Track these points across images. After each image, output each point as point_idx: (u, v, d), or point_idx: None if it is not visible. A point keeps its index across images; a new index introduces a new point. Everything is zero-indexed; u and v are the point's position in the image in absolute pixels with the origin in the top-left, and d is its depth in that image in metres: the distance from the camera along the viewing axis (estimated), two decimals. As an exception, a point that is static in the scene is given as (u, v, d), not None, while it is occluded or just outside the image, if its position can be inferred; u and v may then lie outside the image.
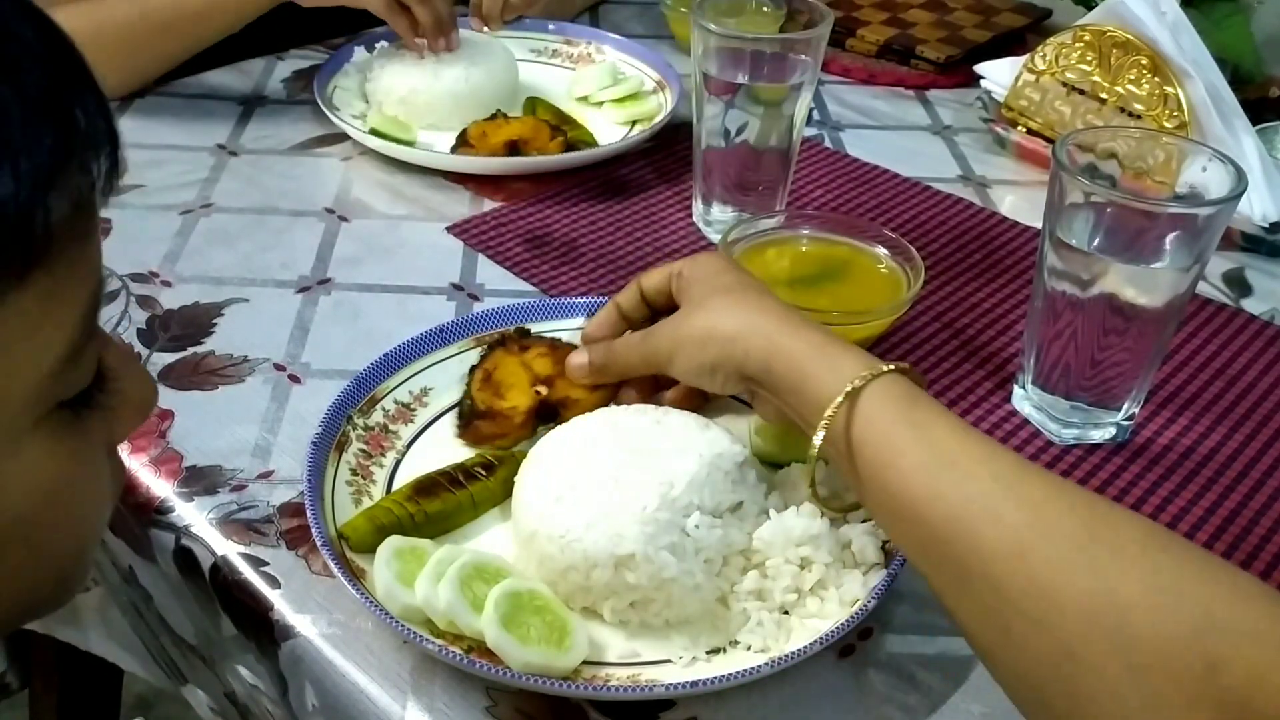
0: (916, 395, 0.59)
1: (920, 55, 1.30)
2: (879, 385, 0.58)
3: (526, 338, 0.77)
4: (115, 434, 0.45)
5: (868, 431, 0.57)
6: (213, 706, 0.77)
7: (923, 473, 0.55)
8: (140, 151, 1.06)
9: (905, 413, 0.57)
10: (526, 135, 1.05)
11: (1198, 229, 0.69)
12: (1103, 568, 0.48)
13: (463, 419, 0.74)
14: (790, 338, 0.63)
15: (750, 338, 0.64)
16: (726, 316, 0.66)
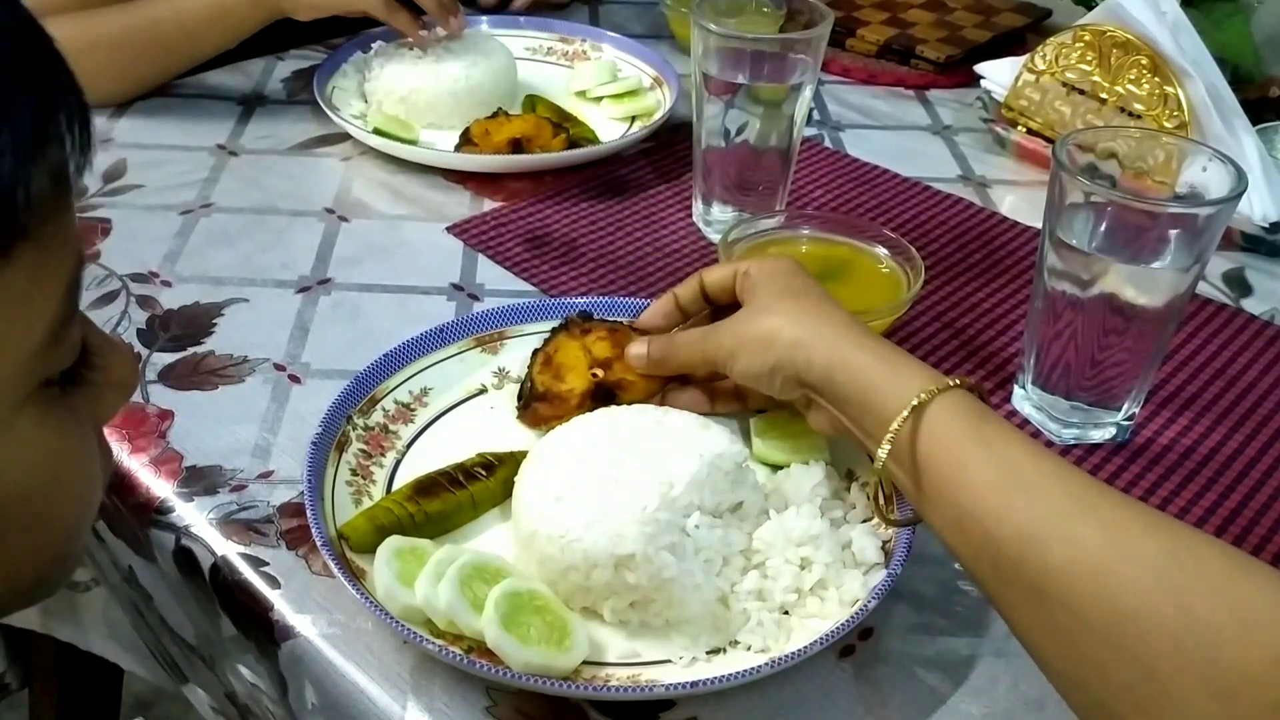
0: (984, 412, 0.58)
1: (920, 55, 1.30)
2: (946, 400, 0.58)
3: (589, 320, 0.77)
4: (101, 414, 0.46)
5: (934, 447, 0.57)
6: (213, 706, 0.77)
7: (993, 490, 0.54)
8: (140, 151, 1.06)
9: (974, 429, 0.56)
10: (529, 133, 1.06)
11: (1198, 229, 0.69)
12: (1187, 593, 0.47)
13: (522, 400, 0.74)
14: (855, 349, 0.62)
15: (814, 345, 0.63)
16: (791, 321, 0.65)
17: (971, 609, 0.66)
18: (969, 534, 0.55)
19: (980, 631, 0.65)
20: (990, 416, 0.58)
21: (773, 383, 0.66)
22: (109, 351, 0.45)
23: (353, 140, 1.08)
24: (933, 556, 0.69)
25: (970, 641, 0.64)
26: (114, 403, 0.46)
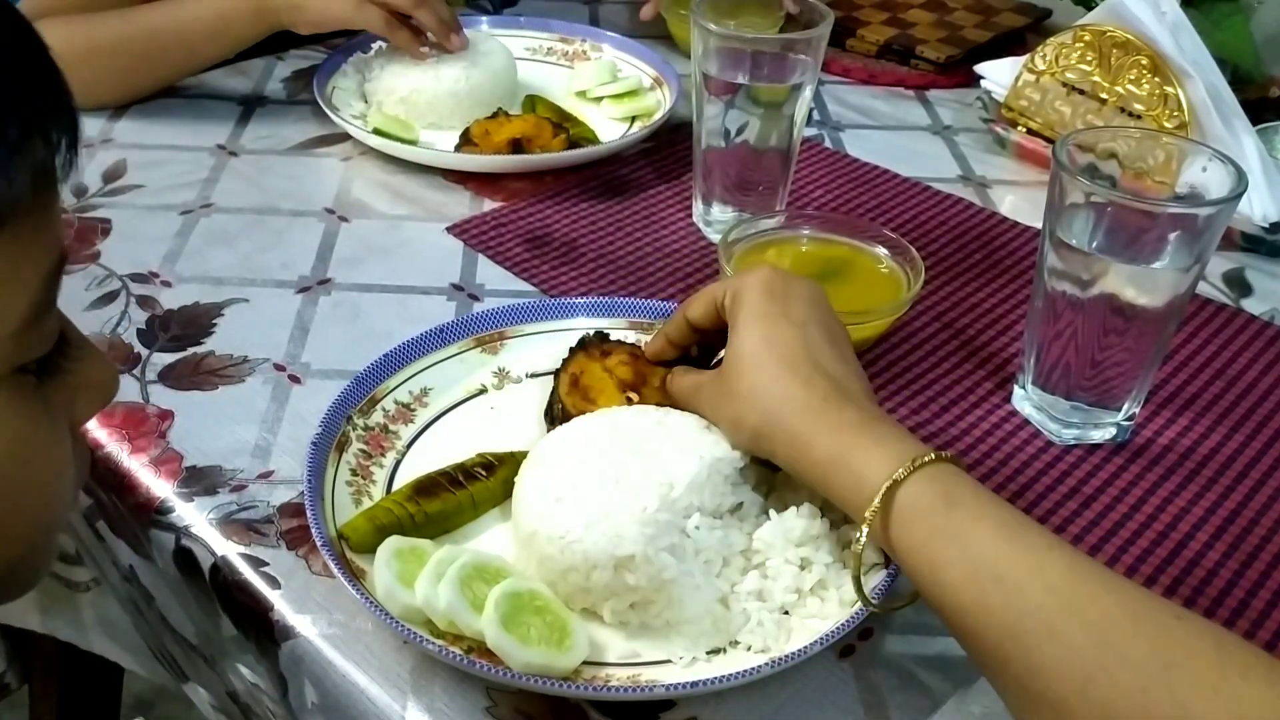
0: (951, 495, 0.55)
1: (920, 55, 1.30)
2: (909, 492, 0.55)
3: (606, 342, 0.77)
4: (77, 414, 0.47)
5: (904, 548, 0.55)
6: (214, 704, 0.77)
7: (969, 587, 0.52)
8: (140, 151, 1.06)
9: (941, 522, 0.54)
10: (529, 133, 1.06)
11: (1198, 229, 0.69)
12: (1182, 698, 0.46)
13: (552, 422, 0.73)
14: (813, 436, 0.60)
15: (774, 438, 0.61)
16: (752, 407, 0.62)
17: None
18: (957, 627, 0.54)
19: (980, 631, 0.65)
20: (957, 501, 0.55)
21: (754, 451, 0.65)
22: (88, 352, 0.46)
23: (353, 140, 1.08)
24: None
25: (970, 642, 0.64)
26: (91, 404, 0.47)
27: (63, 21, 1.05)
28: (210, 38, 1.10)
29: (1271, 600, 0.68)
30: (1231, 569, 0.70)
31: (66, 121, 0.40)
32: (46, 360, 0.43)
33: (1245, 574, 0.69)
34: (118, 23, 1.08)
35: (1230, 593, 0.68)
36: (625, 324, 0.81)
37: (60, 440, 0.45)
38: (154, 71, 1.13)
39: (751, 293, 0.65)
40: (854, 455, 0.58)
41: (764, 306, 0.65)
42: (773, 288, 0.65)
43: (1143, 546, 0.71)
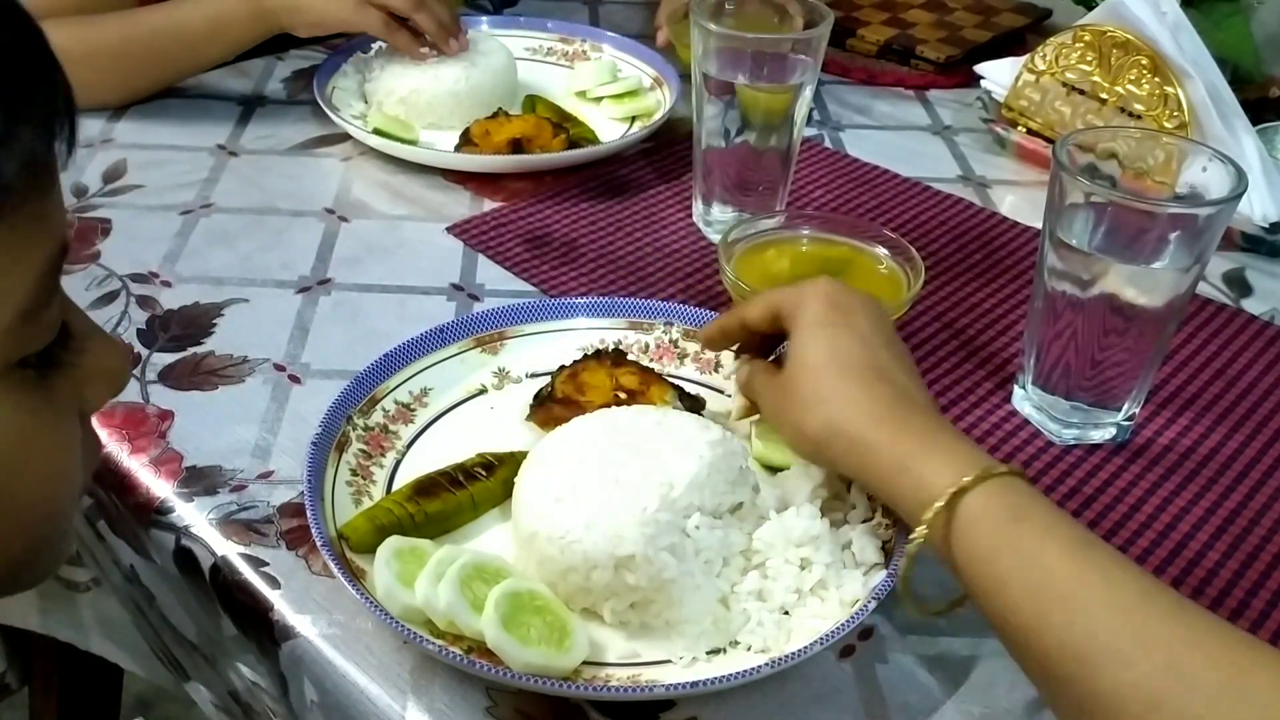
0: (1019, 509, 0.54)
1: (920, 55, 1.30)
2: (974, 497, 0.54)
3: (622, 356, 0.77)
4: (86, 402, 0.46)
5: (966, 561, 0.54)
6: (216, 703, 0.77)
7: (1032, 603, 0.51)
8: (140, 151, 1.06)
9: (1007, 535, 0.53)
10: (529, 133, 1.06)
11: (1198, 229, 0.69)
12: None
13: (538, 401, 0.74)
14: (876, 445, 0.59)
15: (835, 443, 0.60)
16: (815, 415, 0.61)
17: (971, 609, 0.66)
18: (1014, 643, 0.52)
19: (980, 631, 0.65)
20: (1025, 516, 0.53)
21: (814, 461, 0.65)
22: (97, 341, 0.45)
23: (353, 140, 1.08)
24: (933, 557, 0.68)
25: (970, 641, 0.64)
26: (101, 392, 0.46)
27: (63, 23, 1.05)
28: (209, 39, 1.10)
29: (1271, 600, 0.68)
30: (1231, 569, 0.70)
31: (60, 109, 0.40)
32: (49, 352, 0.42)
33: (1245, 574, 0.69)
34: (118, 24, 1.08)
35: (1230, 593, 0.68)
36: (625, 324, 0.81)
37: (66, 434, 0.44)
38: (154, 73, 1.13)
39: (814, 302, 0.65)
40: (919, 462, 0.57)
41: (827, 315, 0.64)
42: (835, 299, 0.65)
43: (1143, 546, 0.71)
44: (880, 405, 0.60)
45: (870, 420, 0.59)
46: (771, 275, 0.87)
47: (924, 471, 0.56)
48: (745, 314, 0.69)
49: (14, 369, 0.41)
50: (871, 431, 0.59)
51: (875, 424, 0.59)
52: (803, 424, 0.62)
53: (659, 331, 0.81)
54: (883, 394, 0.60)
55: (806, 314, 0.64)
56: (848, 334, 0.63)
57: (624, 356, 0.78)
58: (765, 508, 0.65)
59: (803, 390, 0.62)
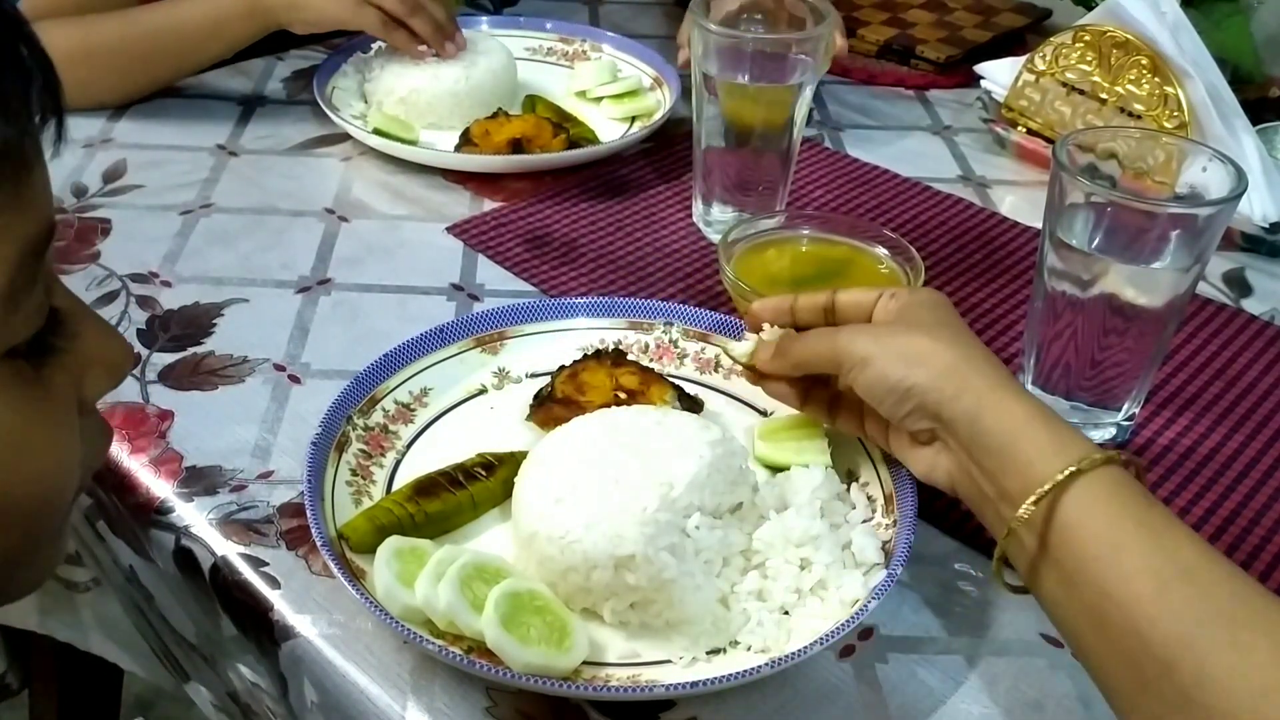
0: (1148, 495, 0.53)
1: (920, 55, 1.30)
2: (1105, 473, 0.53)
3: (621, 356, 0.77)
4: (87, 392, 0.45)
5: (1087, 521, 0.52)
6: (215, 704, 0.77)
7: (1149, 578, 0.49)
8: (140, 151, 1.06)
9: (1136, 509, 0.51)
10: (529, 133, 1.06)
11: (1198, 229, 0.69)
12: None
13: (538, 401, 0.74)
14: (1012, 396, 0.57)
15: (969, 379, 0.58)
16: (951, 349, 0.59)
17: (971, 609, 0.66)
18: (1110, 625, 0.50)
19: (980, 631, 0.65)
20: (1155, 501, 0.52)
21: (901, 404, 0.60)
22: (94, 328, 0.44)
23: (353, 140, 1.08)
24: (933, 556, 0.69)
25: (970, 641, 0.64)
26: (101, 381, 0.45)
27: (62, 23, 1.06)
28: (208, 37, 1.11)
29: (1271, 600, 0.68)
30: (1231, 569, 0.70)
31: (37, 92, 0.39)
32: (40, 340, 0.41)
33: (1245, 574, 0.69)
34: (116, 24, 1.08)
35: (1230, 593, 0.68)
36: (625, 324, 0.81)
37: (63, 427, 0.43)
38: (152, 71, 1.13)
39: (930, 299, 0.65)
40: (1056, 423, 0.56)
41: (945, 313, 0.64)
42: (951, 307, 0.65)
43: (1143, 546, 0.71)
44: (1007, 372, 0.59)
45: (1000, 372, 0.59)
46: (771, 275, 0.87)
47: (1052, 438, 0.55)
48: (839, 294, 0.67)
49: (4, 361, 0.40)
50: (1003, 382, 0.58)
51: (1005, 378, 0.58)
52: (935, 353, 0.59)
53: (659, 331, 0.81)
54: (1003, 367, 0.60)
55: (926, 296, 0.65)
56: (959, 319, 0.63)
57: (624, 356, 0.78)
58: (765, 508, 0.65)
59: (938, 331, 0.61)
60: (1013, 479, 0.55)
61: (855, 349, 0.62)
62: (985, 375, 0.58)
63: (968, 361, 0.59)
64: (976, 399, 0.57)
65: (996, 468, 0.56)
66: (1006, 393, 0.57)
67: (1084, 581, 0.51)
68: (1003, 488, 0.56)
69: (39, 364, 0.42)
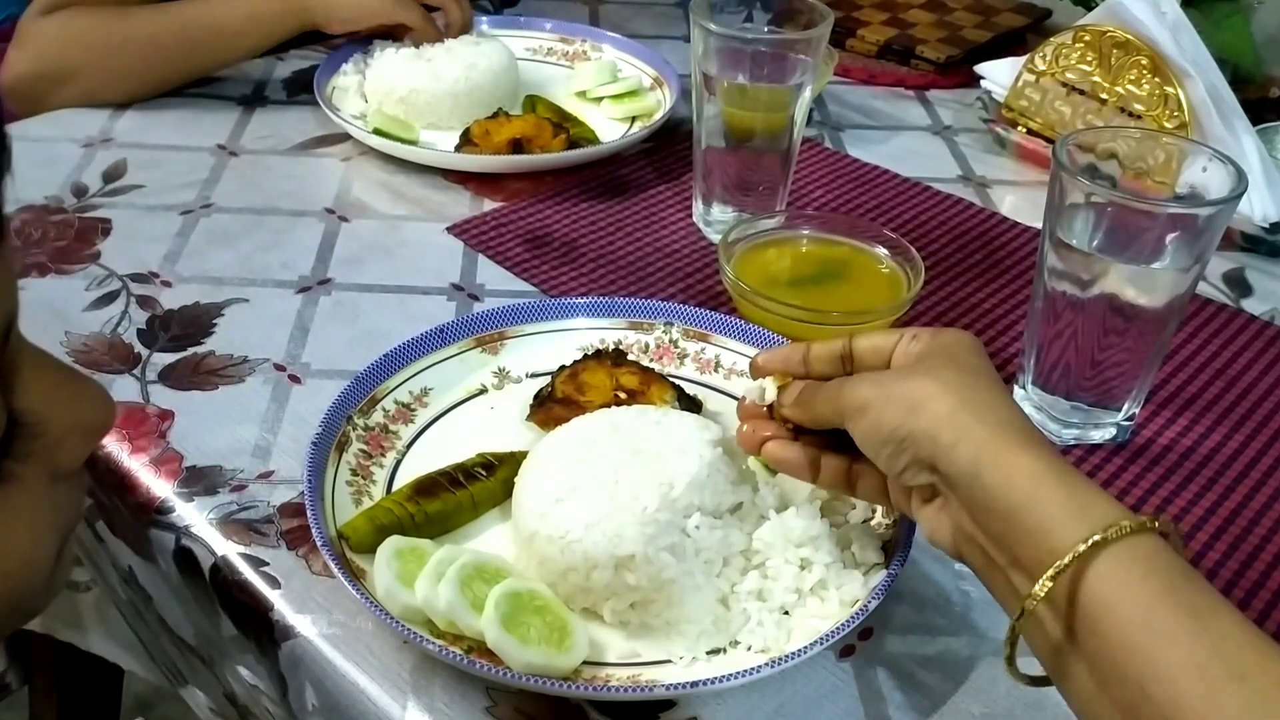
0: (1186, 567, 0.46)
1: (920, 55, 1.30)
2: (1137, 543, 0.46)
3: (621, 358, 0.77)
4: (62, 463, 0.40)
5: (1117, 600, 0.45)
6: (212, 708, 0.77)
7: (1197, 677, 0.42)
8: (140, 151, 1.06)
9: (1176, 588, 0.45)
10: (529, 133, 1.06)
11: (1198, 229, 0.69)
12: None
13: (538, 401, 0.74)
14: (1020, 447, 0.50)
15: (969, 427, 0.51)
16: (950, 393, 0.53)
17: (971, 609, 0.66)
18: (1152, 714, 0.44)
19: (980, 631, 0.65)
20: (1194, 575, 0.46)
21: (896, 456, 0.54)
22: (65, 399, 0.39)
23: (353, 140, 1.08)
24: (933, 557, 0.69)
25: (970, 641, 0.64)
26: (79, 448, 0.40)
27: (95, 12, 1.08)
28: (243, 33, 1.12)
29: (1271, 600, 0.68)
30: (1232, 569, 0.70)
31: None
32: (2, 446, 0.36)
33: (1245, 574, 0.70)
34: (151, 16, 1.10)
35: (1230, 593, 0.68)
36: (625, 324, 0.81)
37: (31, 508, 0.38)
38: (185, 65, 1.14)
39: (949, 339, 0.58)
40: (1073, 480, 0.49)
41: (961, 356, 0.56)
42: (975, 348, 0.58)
43: (1143, 546, 0.71)
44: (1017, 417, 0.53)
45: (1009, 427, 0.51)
46: (771, 275, 0.87)
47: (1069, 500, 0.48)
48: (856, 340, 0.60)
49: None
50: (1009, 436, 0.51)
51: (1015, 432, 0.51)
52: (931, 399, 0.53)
53: (659, 331, 0.81)
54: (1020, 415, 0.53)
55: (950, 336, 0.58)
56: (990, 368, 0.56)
57: (624, 356, 0.78)
58: (765, 508, 0.65)
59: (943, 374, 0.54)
60: (1025, 546, 0.48)
61: (857, 396, 0.56)
62: (988, 423, 0.51)
63: (970, 407, 0.52)
64: (975, 449, 0.51)
65: (1004, 531, 0.50)
66: (1014, 442, 0.50)
67: (1118, 676, 0.45)
68: (1014, 555, 0.49)
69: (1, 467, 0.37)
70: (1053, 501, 0.48)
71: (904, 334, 0.59)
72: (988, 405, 0.53)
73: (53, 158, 1.04)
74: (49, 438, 0.38)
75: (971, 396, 0.53)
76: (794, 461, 0.61)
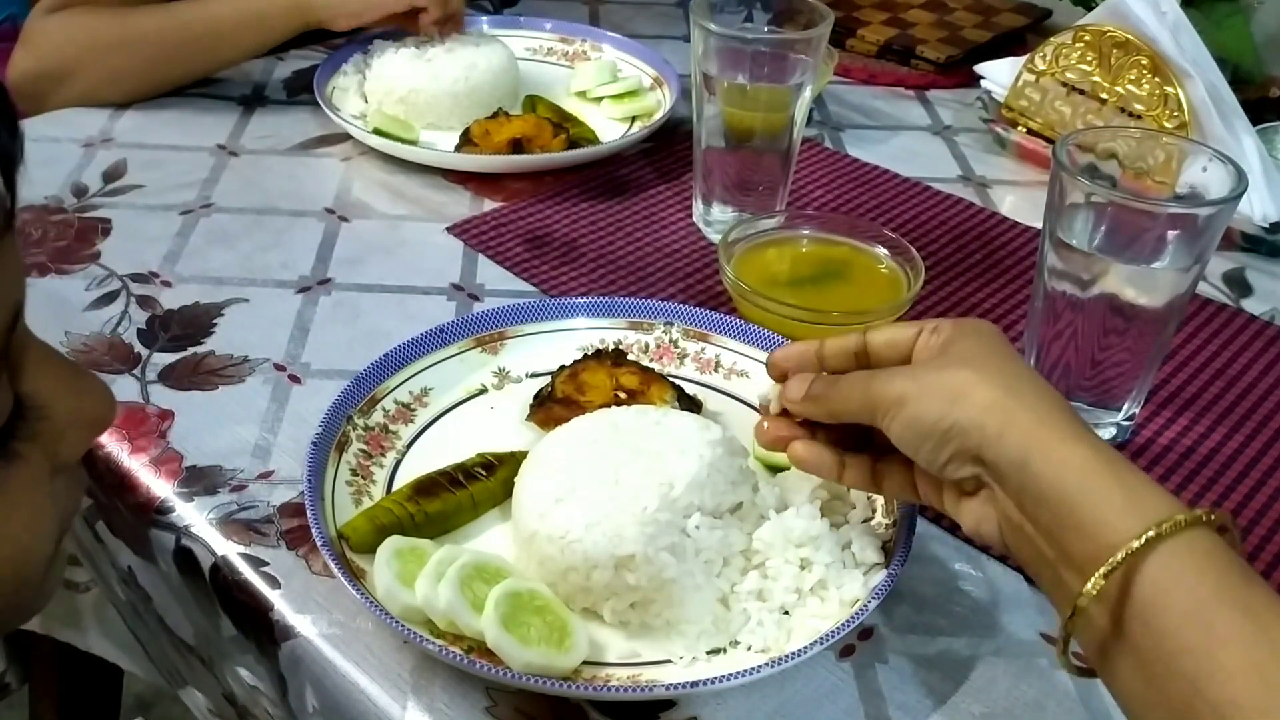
0: (1245, 566, 0.45)
1: (920, 55, 1.30)
2: (1192, 539, 0.45)
3: (621, 358, 0.77)
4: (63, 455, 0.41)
5: (1172, 598, 0.44)
6: (211, 709, 0.77)
7: (1255, 680, 0.41)
8: (140, 151, 1.06)
9: (1233, 587, 0.43)
10: (529, 133, 1.06)
11: (1198, 229, 0.69)
12: None
13: (538, 401, 0.74)
14: (1070, 437, 0.49)
15: (1016, 415, 0.50)
16: (993, 382, 0.51)
17: (971, 609, 0.66)
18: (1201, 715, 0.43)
19: (980, 632, 0.65)
20: (1252, 574, 0.45)
21: (940, 449, 0.52)
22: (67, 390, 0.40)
23: (353, 140, 1.08)
24: (933, 556, 0.69)
25: (970, 641, 0.64)
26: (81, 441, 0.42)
27: (99, 12, 1.07)
28: (246, 32, 1.11)
29: (1271, 600, 0.68)
30: (1231, 569, 0.70)
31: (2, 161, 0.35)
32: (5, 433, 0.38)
33: (1245, 574, 0.69)
34: (154, 16, 1.09)
35: (1230, 593, 0.68)
36: (625, 324, 0.81)
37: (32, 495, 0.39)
38: (185, 65, 1.13)
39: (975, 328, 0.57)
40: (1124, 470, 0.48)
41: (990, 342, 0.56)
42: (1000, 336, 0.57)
43: (1143, 546, 0.71)
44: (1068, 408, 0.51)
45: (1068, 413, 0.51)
46: (771, 275, 0.87)
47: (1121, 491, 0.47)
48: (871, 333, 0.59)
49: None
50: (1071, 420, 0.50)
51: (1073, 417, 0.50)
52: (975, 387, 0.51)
53: (659, 331, 0.81)
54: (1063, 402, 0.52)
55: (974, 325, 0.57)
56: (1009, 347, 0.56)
57: (624, 356, 0.78)
58: (765, 508, 0.65)
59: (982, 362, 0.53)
60: (1075, 540, 0.47)
61: (891, 390, 0.54)
62: (1035, 410, 0.50)
63: (1014, 395, 0.51)
64: (1024, 437, 0.49)
65: (1053, 524, 0.48)
66: (1062, 431, 0.49)
67: (1170, 675, 0.44)
68: (1064, 549, 0.48)
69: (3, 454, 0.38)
70: (1105, 494, 0.47)
71: (923, 326, 0.57)
72: (1032, 392, 0.51)
73: (53, 157, 1.04)
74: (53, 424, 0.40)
75: (1014, 384, 0.52)
76: (821, 462, 0.60)
